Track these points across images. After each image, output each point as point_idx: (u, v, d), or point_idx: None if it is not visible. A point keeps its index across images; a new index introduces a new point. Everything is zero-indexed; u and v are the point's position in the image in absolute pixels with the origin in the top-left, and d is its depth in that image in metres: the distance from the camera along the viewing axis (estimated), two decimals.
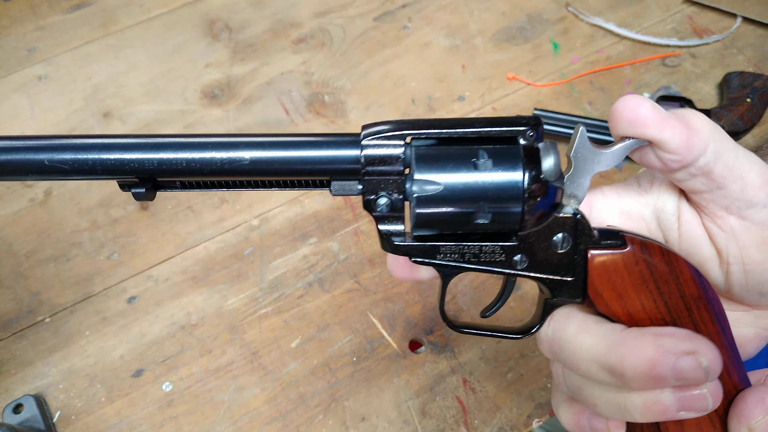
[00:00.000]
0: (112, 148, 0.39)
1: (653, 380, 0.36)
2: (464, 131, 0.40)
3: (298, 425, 0.70)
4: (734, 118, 0.88)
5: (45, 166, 0.39)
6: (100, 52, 1.01)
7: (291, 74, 0.98)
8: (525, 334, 0.45)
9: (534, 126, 0.40)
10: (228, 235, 0.83)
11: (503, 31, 1.02)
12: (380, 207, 0.40)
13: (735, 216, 0.40)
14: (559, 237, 0.41)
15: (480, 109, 0.94)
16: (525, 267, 0.41)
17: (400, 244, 0.41)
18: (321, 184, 0.42)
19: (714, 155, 0.38)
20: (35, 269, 0.81)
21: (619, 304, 0.41)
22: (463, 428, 0.70)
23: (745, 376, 0.42)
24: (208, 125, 0.93)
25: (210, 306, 0.78)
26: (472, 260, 0.41)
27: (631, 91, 0.95)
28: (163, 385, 0.73)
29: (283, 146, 0.40)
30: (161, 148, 0.39)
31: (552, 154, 0.40)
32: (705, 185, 0.39)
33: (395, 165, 0.40)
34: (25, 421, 0.68)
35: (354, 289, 0.79)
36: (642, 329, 0.38)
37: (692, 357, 0.36)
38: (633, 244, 0.40)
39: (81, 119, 0.94)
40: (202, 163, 0.39)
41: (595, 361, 0.38)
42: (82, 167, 0.39)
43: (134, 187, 0.41)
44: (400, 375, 0.73)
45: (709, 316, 0.40)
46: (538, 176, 0.39)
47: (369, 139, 0.40)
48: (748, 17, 1.00)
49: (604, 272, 0.41)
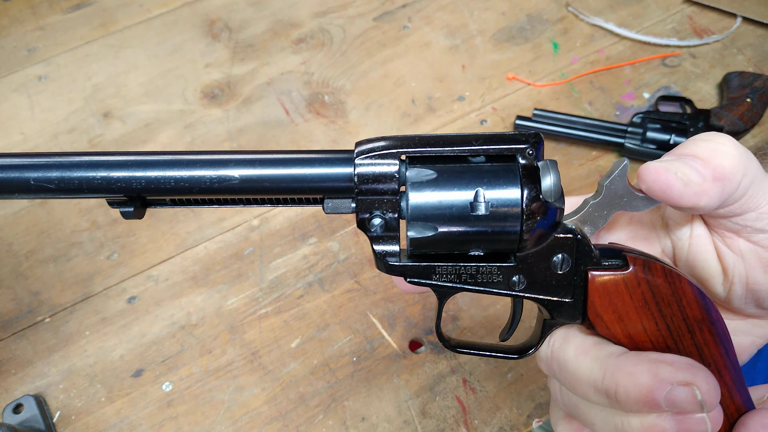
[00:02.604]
0: (99, 167, 0.38)
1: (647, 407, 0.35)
2: (461, 149, 0.38)
3: (298, 425, 0.70)
4: (734, 118, 0.87)
5: (31, 185, 0.38)
6: (100, 52, 1.01)
7: (291, 74, 0.98)
8: (522, 355, 0.44)
9: (534, 144, 0.38)
10: (228, 235, 0.83)
11: (503, 31, 1.02)
12: (374, 227, 0.39)
13: (744, 239, 0.40)
14: (559, 258, 0.40)
15: (480, 109, 0.94)
16: (523, 288, 0.41)
17: (395, 264, 0.40)
18: (314, 202, 0.41)
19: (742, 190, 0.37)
20: (35, 269, 0.81)
21: (619, 326, 0.40)
22: (463, 428, 0.70)
23: (748, 397, 0.41)
24: (208, 125, 0.93)
25: (210, 306, 0.78)
26: (468, 281, 0.40)
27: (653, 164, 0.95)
28: (163, 385, 0.73)
29: (274, 164, 0.39)
30: (149, 166, 0.38)
31: (552, 173, 0.38)
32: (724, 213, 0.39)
33: (390, 183, 0.38)
34: (25, 421, 0.68)
35: (354, 289, 0.79)
36: (640, 355, 0.38)
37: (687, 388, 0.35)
38: (635, 264, 0.39)
39: (81, 119, 0.94)
40: (191, 181, 0.38)
41: (591, 384, 0.38)
42: (69, 186, 0.38)
43: (122, 205, 0.40)
44: (400, 375, 0.73)
45: (712, 338, 0.39)
46: (537, 196, 0.38)
47: (363, 157, 0.38)
48: (748, 17, 1.00)
49: (605, 294, 0.40)
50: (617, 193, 0.39)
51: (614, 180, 0.39)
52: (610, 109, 0.93)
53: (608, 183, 0.39)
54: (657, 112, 0.89)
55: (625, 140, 0.87)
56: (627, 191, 0.39)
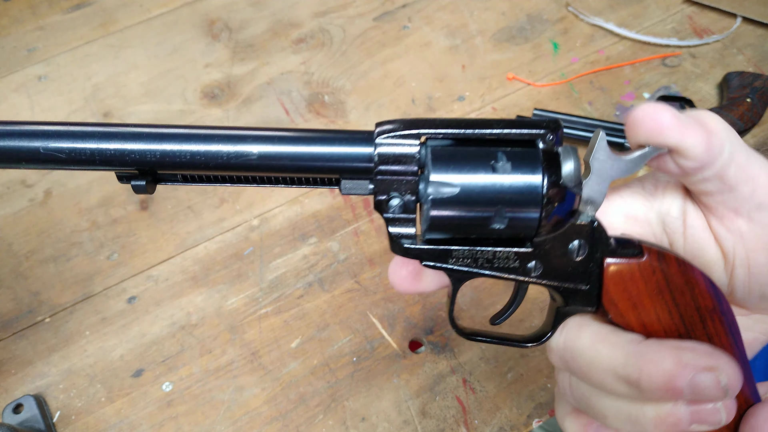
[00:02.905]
0: (113, 137, 0.37)
1: (670, 393, 0.35)
2: (482, 132, 0.38)
3: (298, 425, 0.70)
4: (734, 118, 0.87)
5: (40, 154, 0.37)
6: (100, 52, 1.01)
7: (291, 74, 0.98)
8: (536, 343, 0.44)
9: (554, 129, 0.38)
10: (228, 235, 0.83)
11: (503, 31, 1.02)
12: (392, 208, 0.39)
13: (743, 218, 0.39)
14: (575, 244, 0.40)
15: (480, 109, 0.94)
16: (539, 274, 0.40)
17: (411, 247, 0.40)
18: (330, 182, 0.40)
19: (729, 156, 0.37)
20: (35, 269, 0.81)
21: (633, 314, 0.40)
22: (463, 428, 0.70)
23: (755, 389, 0.41)
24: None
25: (210, 306, 0.78)
26: (485, 265, 0.40)
27: (647, 100, 0.95)
28: (163, 385, 0.73)
29: (294, 141, 0.38)
30: (164, 139, 0.37)
31: (572, 158, 0.38)
32: (717, 187, 0.39)
33: (410, 165, 0.38)
34: (25, 421, 0.68)
35: (354, 289, 0.79)
36: (662, 341, 0.38)
37: (711, 374, 0.35)
38: (650, 253, 0.39)
39: (81, 119, 0.94)
40: (207, 156, 0.38)
41: (611, 371, 0.37)
42: (80, 156, 0.37)
43: (134, 179, 0.39)
44: (400, 375, 0.73)
45: (723, 329, 0.39)
46: (557, 181, 0.38)
47: (383, 137, 0.38)
48: (748, 17, 1.00)
49: (620, 281, 0.40)
50: (604, 164, 0.39)
51: (597, 153, 0.39)
52: (610, 109, 0.93)
53: (592, 158, 0.39)
54: None
55: (625, 140, 0.87)
56: (613, 158, 0.39)
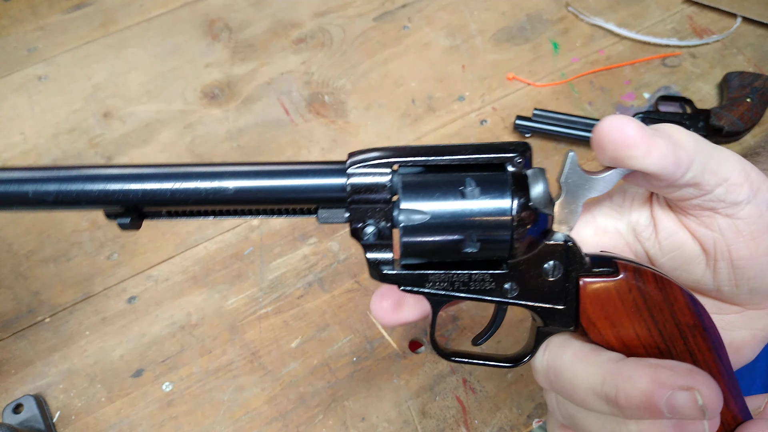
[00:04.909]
0: (97, 179, 0.39)
1: (648, 412, 0.35)
2: (451, 158, 0.39)
3: (298, 425, 0.70)
4: (734, 118, 0.88)
5: (29, 198, 0.39)
6: (100, 52, 1.01)
7: (291, 74, 0.98)
8: (517, 363, 0.44)
9: (522, 152, 0.39)
10: (228, 235, 0.83)
11: (503, 31, 1.02)
12: (367, 235, 0.40)
13: (721, 215, 0.40)
14: (550, 264, 0.40)
15: (480, 109, 0.94)
16: (516, 295, 0.41)
17: (389, 272, 0.41)
18: (308, 212, 0.41)
19: (700, 166, 0.38)
20: (35, 269, 0.81)
21: (612, 332, 0.40)
22: (463, 428, 0.70)
23: (744, 405, 0.41)
24: (208, 125, 0.93)
25: (210, 306, 0.78)
26: (461, 288, 0.41)
27: (615, 113, 0.95)
28: (163, 385, 0.73)
29: (268, 175, 0.40)
30: (145, 179, 0.39)
31: (540, 180, 0.39)
32: (692, 194, 0.39)
33: (382, 193, 0.39)
34: (25, 421, 0.68)
35: (354, 289, 0.79)
36: (640, 360, 0.38)
37: (688, 393, 0.35)
38: (626, 271, 0.40)
39: (81, 119, 0.94)
40: (187, 193, 0.39)
41: (590, 389, 0.38)
42: (67, 198, 0.39)
43: (119, 216, 0.41)
44: (400, 375, 0.73)
45: (705, 345, 0.39)
46: (526, 203, 0.39)
47: (355, 167, 0.39)
48: (748, 17, 1.00)
49: (597, 300, 0.40)
50: (576, 184, 0.40)
51: (568, 173, 0.39)
52: (610, 109, 0.93)
53: (564, 179, 0.40)
54: (657, 112, 0.89)
55: None
56: (584, 178, 0.40)
